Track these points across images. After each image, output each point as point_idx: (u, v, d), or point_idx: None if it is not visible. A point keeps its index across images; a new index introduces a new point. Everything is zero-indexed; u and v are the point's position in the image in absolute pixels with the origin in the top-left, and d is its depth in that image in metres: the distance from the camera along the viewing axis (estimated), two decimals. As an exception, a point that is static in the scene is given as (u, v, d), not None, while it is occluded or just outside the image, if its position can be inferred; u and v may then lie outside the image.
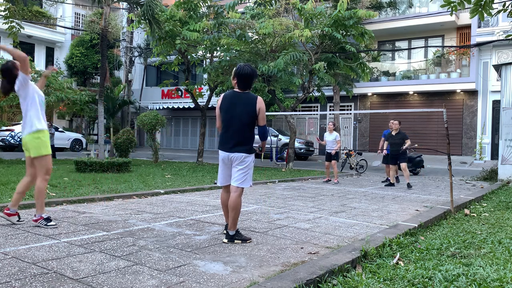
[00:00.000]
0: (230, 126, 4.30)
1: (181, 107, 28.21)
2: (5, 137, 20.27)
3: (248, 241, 4.27)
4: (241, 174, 4.27)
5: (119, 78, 29.50)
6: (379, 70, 22.83)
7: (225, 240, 4.26)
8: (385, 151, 11.45)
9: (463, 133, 20.73)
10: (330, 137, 11.06)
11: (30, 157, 4.76)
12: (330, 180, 11.24)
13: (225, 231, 4.42)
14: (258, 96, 4.32)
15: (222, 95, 4.49)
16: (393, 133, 10.55)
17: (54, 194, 6.89)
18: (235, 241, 4.24)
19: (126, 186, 8.36)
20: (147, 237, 4.41)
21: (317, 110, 24.34)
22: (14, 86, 4.70)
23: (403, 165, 10.29)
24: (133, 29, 20.74)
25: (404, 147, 10.24)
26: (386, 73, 22.75)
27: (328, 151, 11.12)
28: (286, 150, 16.38)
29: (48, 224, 4.70)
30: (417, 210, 6.73)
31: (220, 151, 4.40)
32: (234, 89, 4.41)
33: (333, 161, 11.06)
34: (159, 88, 27.16)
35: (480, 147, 19.96)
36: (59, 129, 22.06)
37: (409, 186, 10.13)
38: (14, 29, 12.29)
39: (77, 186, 8.01)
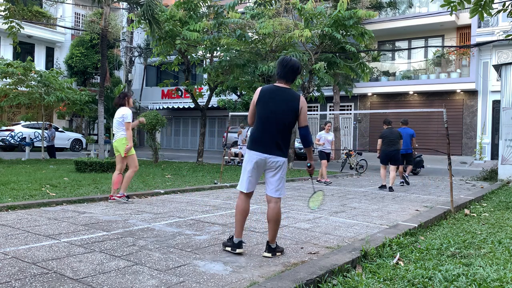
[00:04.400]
0: (270, 124, 3.79)
1: (181, 107, 28.22)
2: (5, 137, 20.27)
3: (282, 252, 3.91)
4: (277, 181, 3.82)
5: (119, 78, 29.50)
6: (379, 70, 22.83)
7: (268, 254, 3.79)
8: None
9: (463, 133, 20.73)
10: (328, 136, 11.15)
11: (120, 155, 6.81)
12: (321, 181, 10.89)
13: (240, 249, 3.87)
14: (301, 95, 3.90)
15: (259, 88, 3.95)
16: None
17: (54, 194, 6.89)
18: (277, 254, 3.84)
19: (126, 186, 8.35)
20: (147, 237, 4.41)
21: (317, 110, 24.34)
22: (120, 107, 6.77)
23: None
24: (133, 29, 20.74)
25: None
26: (386, 73, 22.75)
27: (327, 151, 11.14)
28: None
29: (128, 200, 6.62)
30: (417, 210, 6.73)
31: (253, 152, 3.83)
32: (275, 84, 3.94)
33: (325, 161, 11.09)
34: (159, 88, 27.18)
35: (480, 147, 19.96)
36: (59, 129, 22.07)
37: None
38: (14, 29, 12.29)
39: (77, 186, 8.02)
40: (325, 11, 14.54)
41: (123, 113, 6.71)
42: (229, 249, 3.90)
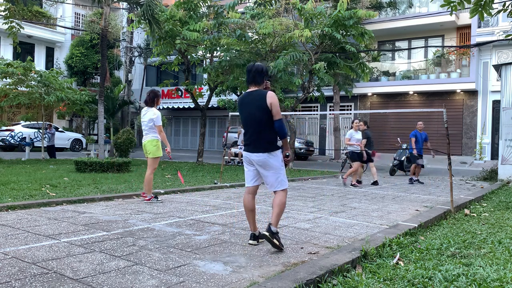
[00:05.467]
0: (247, 127, 4.19)
1: (181, 107, 28.21)
2: (5, 137, 20.26)
3: (281, 249, 3.98)
4: (273, 177, 4.08)
5: (119, 78, 29.49)
6: (379, 70, 22.83)
7: (266, 233, 3.92)
8: (414, 151, 11.63)
9: (463, 133, 20.73)
10: (358, 135, 10.43)
11: (149, 157, 6.89)
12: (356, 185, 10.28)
13: (253, 241, 4.19)
14: (269, 91, 4.14)
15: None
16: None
17: (54, 194, 6.89)
18: (274, 240, 3.92)
19: (126, 186, 8.36)
20: (147, 237, 4.41)
21: (317, 110, 24.34)
22: (151, 107, 6.87)
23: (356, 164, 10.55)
24: (133, 29, 20.74)
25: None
26: (386, 73, 22.75)
27: (357, 151, 10.37)
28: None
29: (158, 201, 6.75)
30: (417, 210, 6.73)
31: (244, 152, 4.28)
32: (248, 90, 4.30)
33: (358, 163, 10.35)
34: (159, 88, 27.12)
35: (480, 147, 19.95)
36: (59, 129, 22.06)
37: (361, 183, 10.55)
38: (14, 29, 12.29)
39: (77, 186, 8.01)
40: (325, 11, 14.54)
41: (153, 116, 6.76)
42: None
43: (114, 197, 6.98)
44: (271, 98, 4.08)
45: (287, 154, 4.24)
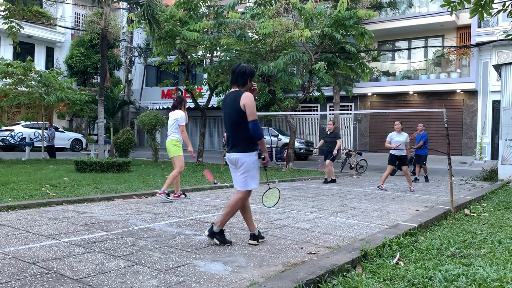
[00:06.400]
0: (227, 126, 4.24)
1: (181, 107, 28.15)
2: (5, 137, 20.26)
3: (227, 244, 4.12)
4: (240, 176, 4.13)
5: (119, 78, 29.49)
6: (379, 70, 22.83)
7: (206, 233, 4.17)
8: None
9: (463, 133, 20.73)
10: (400, 137, 9.62)
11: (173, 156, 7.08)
12: (382, 188, 9.68)
13: (253, 240, 4.24)
14: (246, 92, 4.13)
15: None
16: (328, 132, 11.06)
17: (54, 194, 6.89)
18: (214, 239, 4.11)
19: (126, 186, 8.36)
20: (147, 237, 4.41)
21: (317, 110, 24.34)
22: (176, 110, 7.06)
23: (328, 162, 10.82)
24: (133, 29, 20.74)
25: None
26: (386, 73, 22.75)
27: (397, 154, 9.60)
28: (286, 150, 16.37)
29: (167, 198, 6.81)
30: (417, 210, 6.73)
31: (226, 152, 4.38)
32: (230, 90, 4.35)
33: (404, 167, 9.63)
34: (159, 88, 27.11)
35: (480, 147, 19.95)
36: (59, 129, 22.06)
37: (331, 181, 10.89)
38: (14, 29, 12.28)
39: (77, 186, 8.01)
40: (325, 11, 14.54)
41: (177, 117, 7.00)
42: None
43: (114, 197, 6.98)
44: (245, 99, 4.05)
45: (263, 156, 4.21)
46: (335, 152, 11.01)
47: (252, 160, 4.12)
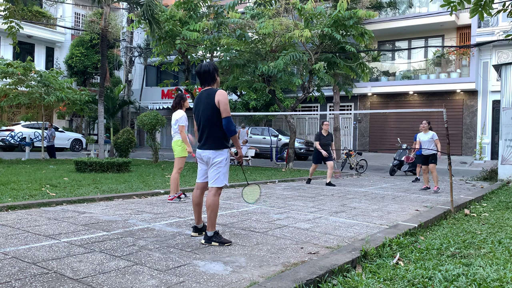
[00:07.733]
0: (199, 125, 4.30)
1: (181, 107, 28.16)
2: (5, 137, 20.26)
3: (226, 244, 4.12)
4: (213, 173, 4.20)
5: (119, 78, 29.49)
6: (379, 70, 22.84)
7: (202, 241, 4.18)
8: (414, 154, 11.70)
9: (463, 133, 20.73)
10: (425, 137, 9.59)
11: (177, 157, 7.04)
12: (428, 188, 9.78)
13: (194, 233, 4.50)
14: (219, 89, 4.24)
15: None
16: (324, 134, 10.67)
17: (54, 194, 6.89)
18: (212, 243, 4.12)
19: (126, 186, 8.36)
20: (147, 237, 4.41)
21: (317, 110, 24.34)
22: (176, 110, 6.99)
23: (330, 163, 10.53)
24: (133, 29, 20.76)
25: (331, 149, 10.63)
26: (386, 73, 22.75)
27: (424, 153, 9.58)
28: (286, 150, 16.38)
29: (180, 200, 6.93)
30: (417, 210, 6.73)
31: (197, 149, 4.44)
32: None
33: (431, 165, 9.55)
34: (159, 88, 27.17)
35: (480, 147, 19.96)
36: (59, 129, 22.06)
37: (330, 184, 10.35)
38: (14, 29, 12.28)
39: (77, 186, 8.01)
40: (325, 11, 14.54)
41: (177, 117, 6.99)
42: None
43: (114, 197, 6.98)
44: (219, 96, 4.15)
45: (236, 152, 4.34)
46: (333, 154, 10.87)
47: (225, 157, 4.24)
